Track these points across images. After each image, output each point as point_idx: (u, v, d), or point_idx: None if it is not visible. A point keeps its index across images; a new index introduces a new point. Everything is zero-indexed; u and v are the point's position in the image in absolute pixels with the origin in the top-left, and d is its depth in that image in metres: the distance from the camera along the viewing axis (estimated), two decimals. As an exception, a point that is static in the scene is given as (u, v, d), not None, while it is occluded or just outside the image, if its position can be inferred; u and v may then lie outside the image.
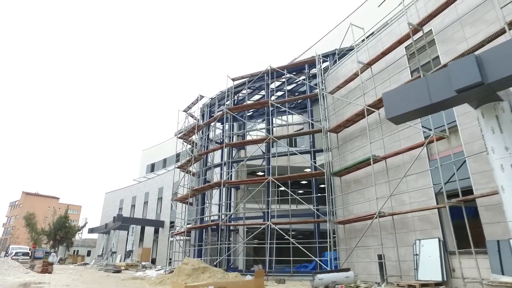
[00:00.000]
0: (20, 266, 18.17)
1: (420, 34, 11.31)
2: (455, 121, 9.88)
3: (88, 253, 48.29)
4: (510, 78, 5.81)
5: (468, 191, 9.09)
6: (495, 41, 8.60)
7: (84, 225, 47.05)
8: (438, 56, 10.87)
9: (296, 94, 19.42)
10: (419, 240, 10.34)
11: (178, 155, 23.32)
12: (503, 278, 5.23)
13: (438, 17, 10.90)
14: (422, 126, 10.81)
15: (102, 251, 36.42)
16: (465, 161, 9.31)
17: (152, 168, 45.88)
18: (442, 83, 6.61)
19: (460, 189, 9.10)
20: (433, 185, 10.09)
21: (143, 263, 26.01)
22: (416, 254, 10.27)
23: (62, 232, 41.63)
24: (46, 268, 18.06)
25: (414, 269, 9.96)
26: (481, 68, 6.06)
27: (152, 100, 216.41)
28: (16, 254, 30.98)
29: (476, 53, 6.67)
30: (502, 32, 8.29)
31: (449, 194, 9.59)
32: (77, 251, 48.28)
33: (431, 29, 11.26)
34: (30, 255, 32.95)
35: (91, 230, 39.72)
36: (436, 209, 9.79)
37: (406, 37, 11.51)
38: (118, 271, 20.52)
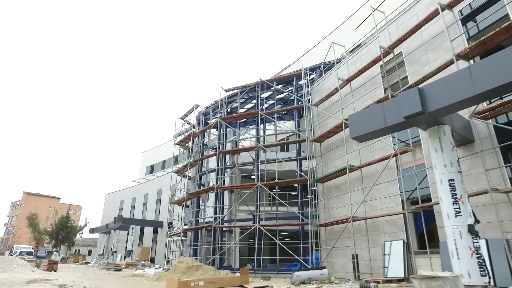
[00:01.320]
0: (28, 264, 19.42)
1: (393, 54, 12.56)
2: (419, 136, 11.13)
3: (89, 252, 49.55)
4: (446, 108, 7.07)
5: (428, 199, 10.33)
6: (448, 68, 9.82)
7: (85, 225, 48.26)
8: (406, 76, 12.11)
9: (287, 102, 20.62)
10: (390, 241, 11.60)
11: (176, 159, 24.57)
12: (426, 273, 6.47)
13: (407, 41, 12.13)
14: (397, 138, 11.99)
15: (103, 251, 37.67)
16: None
17: (151, 169, 47.08)
18: (394, 110, 7.86)
19: (420, 197, 10.36)
20: (400, 192, 11.33)
21: (143, 262, 27.20)
22: (387, 254, 11.50)
23: (64, 232, 42.89)
24: (52, 267, 19.29)
25: (383, 267, 11.21)
26: (422, 99, 7.30)
27: (152, 103, 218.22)
28: (20, 253, 32.19)
29: (431, 79, 7.84)
30: (452, 61, 9.51)
31: (414, 201, 10.84)
32: (79, 250, 49.54)
33: (401, 51, 12.50)
34: (33, 254, 34.19)
35: (92, 230, 40.93)
36: (402, 214, 11.04)
37: (380, 57, 12.74)
38: (119, 270, 21.71)
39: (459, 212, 7.14)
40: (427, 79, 10.58)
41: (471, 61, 9.77)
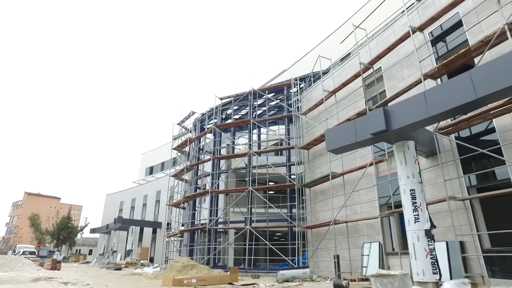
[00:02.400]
0: (32, 263, 20.40)
1: (372, 69, 13.55)
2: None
3: (90, 252, 50.59)
4: (406, 127, 8.07)
5: (400, 205, 11.31)
6: (418, 86, 10.79)
7: (86, 225, 49.26)
8: (384, 90, 13.09)
9: (279, 108, 21.60)
10: (370, 243, 12.60)
11: (174, 163, 25.57)
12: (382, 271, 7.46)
13: (385, 57, 13.11)
14: (377, 146, 12.96)
15: (103, 250, 38.70)
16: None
17: (151, 171, 48.07)
18: (364, 127, 8.85)
19: (393, 203, 11.35)
20: (378, 198, 12.33)
21: (142, 261, 28.21)
22: (366, 255, 12.49)
23: (65, 232, 43.92)
24: (55, 266, 20.29)
25: (361, 267, 12.20)
26: (387, 118, 8.28)
27: (152, 106, 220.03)
28: (23, 253, 33.16)
29: (400, 97, 8.84)
30: (420, 81, 10.50)
31: (390, 206, 11.83)
32: (79, 250, 50.56)
33: (380, 67, 13.49)
34: (36, 254, 35.16)
35: (93, 230, 41.96)
36: (379, 218, 12.04)
37: (363, 70, 13.72)
38: (119, 269, 22.70)
39: (418, 218, 8.13)
40: (401, 95, 11.58)
41: (439, 80, 10.78)
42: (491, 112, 8.72)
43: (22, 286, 10.67)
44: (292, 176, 16.93)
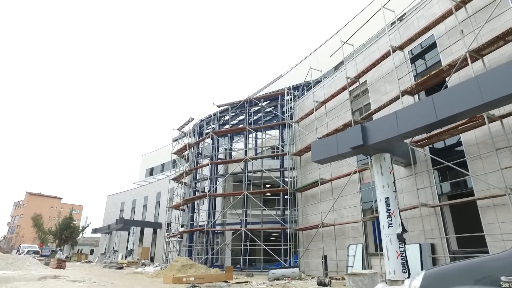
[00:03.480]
0: (39, 262, 21.43)
1: (358, 83, 14.56)
2: (377, 155, 13.12)
3: (91, 252, 51.58)
4: (381, 142, 9.06)
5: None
6: (398, 101, 11.78)
7: (87, 226, 50.28)
8: (369, 103, 14.10)
9: (275, 114, 22.63)
10: (356, 244, 13.62)
11: (174, 165, 26.59)
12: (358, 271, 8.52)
13: (371, 72, 14.11)
14: (364, 155, 13.95)
15: (105, 250, 39.72)
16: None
17: (151, 172, 49.04)
18: (344, 141, 9.86)
19: (375, 208, 12.36)
20: (362, 203, 13.35)
21: (143, 260, 29.23)
22: (352, 255, 13.49)
23: (68, 232, 44.95)
24: (60, 265, 21.32)
25: (347, 266, 13.22)
26: (364, 134, 9.28)
27: (152, 108, 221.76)
28: (27, 252, 34.19)
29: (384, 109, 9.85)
30: (396, 99, 11.51)
31: (373, 210, 12.84)
32: (81, 249, 51.56)
33: (366, 80, 14.50)
34: (40, 253, 36.20)
35: (95, 230, 42.94)
36: (361, 222, 13.05)
37: (349, 84, 14.73)
38: (121, 268, 23.72)
39: (391, 223, 9.14)
40: (383, 108, 12.59)
41: (416, 96, 11.79)
42: (458, 128, 9.72)
43: (36, 284, 11.65)
44: (287, 179, 17.92)
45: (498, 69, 6.86)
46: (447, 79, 10.45)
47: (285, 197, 17.95)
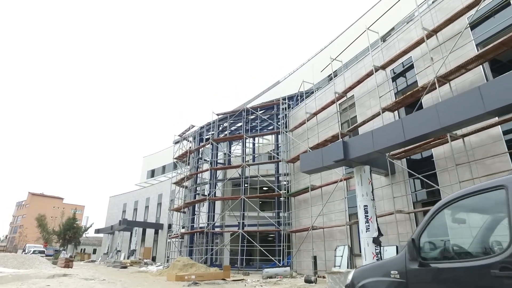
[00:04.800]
0: (48, 261, 22.65)
1: (346, 97, 15.81)
2: (362, 165, 14.36)
3: (94, 251, 52.85)
4: (359, 157, 10.30)
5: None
6: (380, 116, 13.00)
7: (90, 226, 51.51)
8: (356, 116, 15.35)
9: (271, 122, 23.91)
10: (343, 246, 14.87)
11: (175, 167, 27.87)
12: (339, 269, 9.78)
13: (358, 87, 15.34)
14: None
15: (108, 250, 40.98)
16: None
17: (152, 173, 50.29)
18: (328, 155, 11.12)
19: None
20: (348, 208, 14.60)
21: (145, 260, 30.48)
22: (339, 256, 14.73)
23: (71, 232, 46.19)
24: (68, 264, 22.55)
25: (334, 266, 14.46)
26: (345, 149, 10.52)
27: (153, 110, 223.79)
28: (34, 252, 35.43)
29: (370, 125, 11.11)
30: (383, 111, 12.75)
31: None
32: (84, 249, 52.81)
33: (353, 95, 15.74)
34: (44, 252, 37.44)
35: (98, 231, 44.23)
36: (346, 226, 14.29)
37: (337, 98, 15.97)
38: (125, 267, 24.94)
39: (369, 228, 10.40)
40: (367, 122, 13.84)
41: (396, 112, 13.04)
42: (430, 143, 10.97)
43: (53, 281, 12.89)
44: (283, 183, 19.17)
45: (452, 99, 8.13)
46: (422, 99, 11.72)
47: (280, 199, 19.21)
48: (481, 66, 9.98)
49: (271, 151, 21.52)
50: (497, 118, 8.83)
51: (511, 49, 9.17)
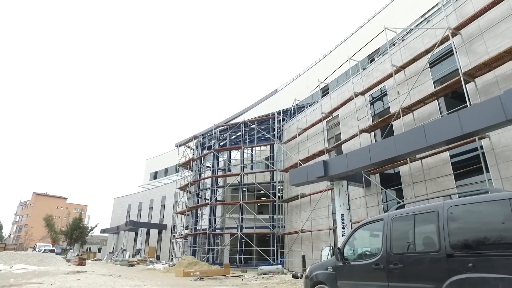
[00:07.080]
0: (63, 259, 24.79)
1: (331, 116, 17.96)
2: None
3: (99, 250, 55.03)
4: (337, 175, 12.46)
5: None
6: (359, 136, 15.13)
7: (96, 226, 53.67)
8: (340, 133, 17.50)
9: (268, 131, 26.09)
10: (330, 247, 17.03)
11: (177, 169, 30.08)
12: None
13: (342, 108, 17.47)
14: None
15: (113, 249, 43.14)
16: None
17: (155, 176, 52.37)
18: (312, 171, 13.28)
19: (341, 218, 15.75)
20: (332, 214, 16.74)
21: (150, 259, 32.64)
22: (325, 255, 16.87)
23: (78, 232, 48.39)
24: (81, 262, 24.68)
25: (320, 264, 16.65)
26: (325, 167, 12.68)
27: (155, 112, 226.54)
28: (44, 250, 37.50)
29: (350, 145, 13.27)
30: (361, 133, 14.89)
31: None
32: (90, 248, 54.99)
33: (338, 114, 17.89)
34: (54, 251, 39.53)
35: (103, 231, 46.40)
36: (329, 230, 16.45)
37: (325, 117, 18.10)
38: (132, 265, 27.03)
39: (344, 233, 12.57)
40: (349, 140, 16.01)
41: (372, 133, 15.19)
42: (399, 161, 13.12)
43: (77, 276, 15.00)
44: (279, 187, 21.39)
45: (404, 134, 10.32)
46: (391, 123, 13.88)
47: (275, 204, 21.37)
48: (436, 100, 12.13)
49: (267, 160, 23.69)
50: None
51: (458, 89, 11.31)
